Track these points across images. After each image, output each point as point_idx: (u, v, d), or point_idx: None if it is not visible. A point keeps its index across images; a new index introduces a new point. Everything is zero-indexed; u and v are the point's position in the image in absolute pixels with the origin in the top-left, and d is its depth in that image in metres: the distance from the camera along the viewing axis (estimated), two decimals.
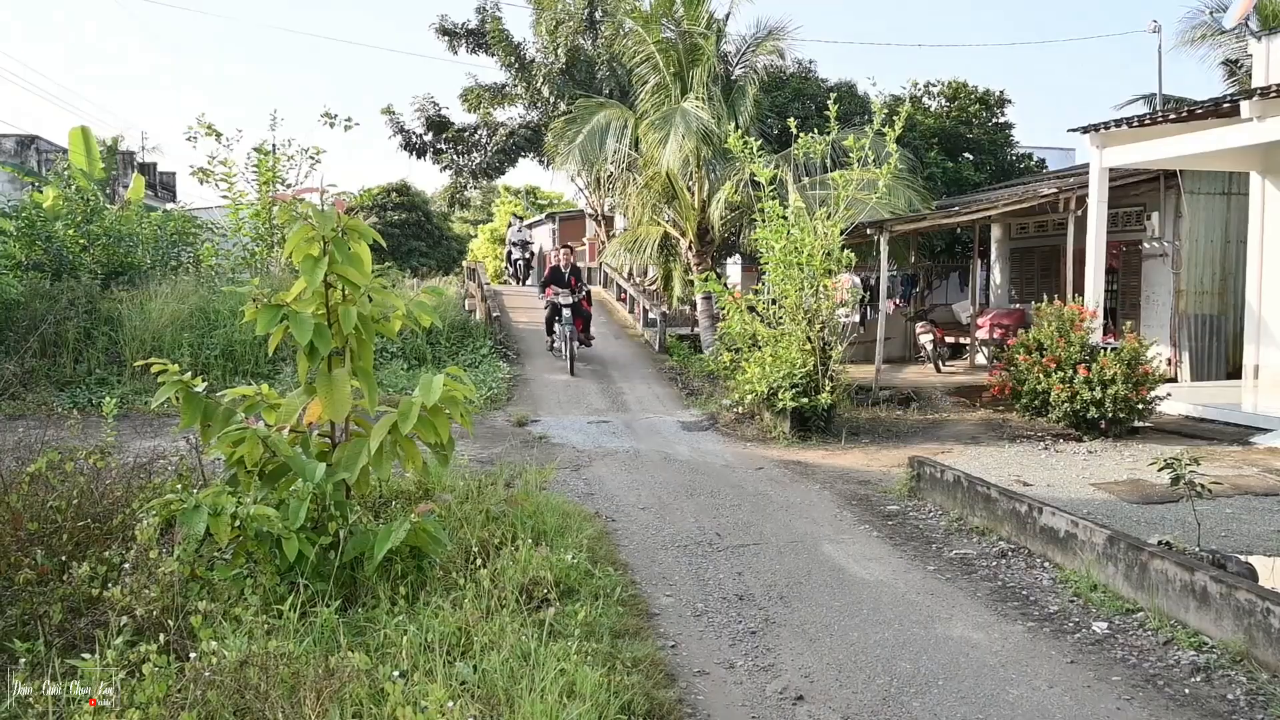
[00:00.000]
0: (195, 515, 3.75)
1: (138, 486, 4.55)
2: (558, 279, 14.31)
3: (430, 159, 22.69)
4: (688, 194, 16.06)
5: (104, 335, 11.68)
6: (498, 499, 5.70)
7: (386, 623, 3.71)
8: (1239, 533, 6.01)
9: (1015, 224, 16.09)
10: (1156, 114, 11.72)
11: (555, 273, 14.53)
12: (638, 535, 6.15)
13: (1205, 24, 19.20)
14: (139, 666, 2.88)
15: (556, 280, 14.30)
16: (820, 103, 18.85)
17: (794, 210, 10.50)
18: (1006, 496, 5.94)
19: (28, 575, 3.47)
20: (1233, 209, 12.56)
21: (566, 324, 13.86)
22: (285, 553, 3.86)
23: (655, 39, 15.70)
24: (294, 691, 2.91)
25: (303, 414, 4.60)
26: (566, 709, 3.08)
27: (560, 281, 14.22)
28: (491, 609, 3.91)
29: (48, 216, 13.35)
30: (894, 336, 15.76)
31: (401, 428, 4.29)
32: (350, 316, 4.34)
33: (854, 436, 9.90)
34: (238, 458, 4.24)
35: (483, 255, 41.17)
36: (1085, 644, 4.28)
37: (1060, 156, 25.07)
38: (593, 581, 4.70)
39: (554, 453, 8.93)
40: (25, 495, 3.91)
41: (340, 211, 4.39)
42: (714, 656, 4.18)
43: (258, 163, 14.74)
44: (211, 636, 3.04)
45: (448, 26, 21.56)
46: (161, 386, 4.25)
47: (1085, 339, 9.83)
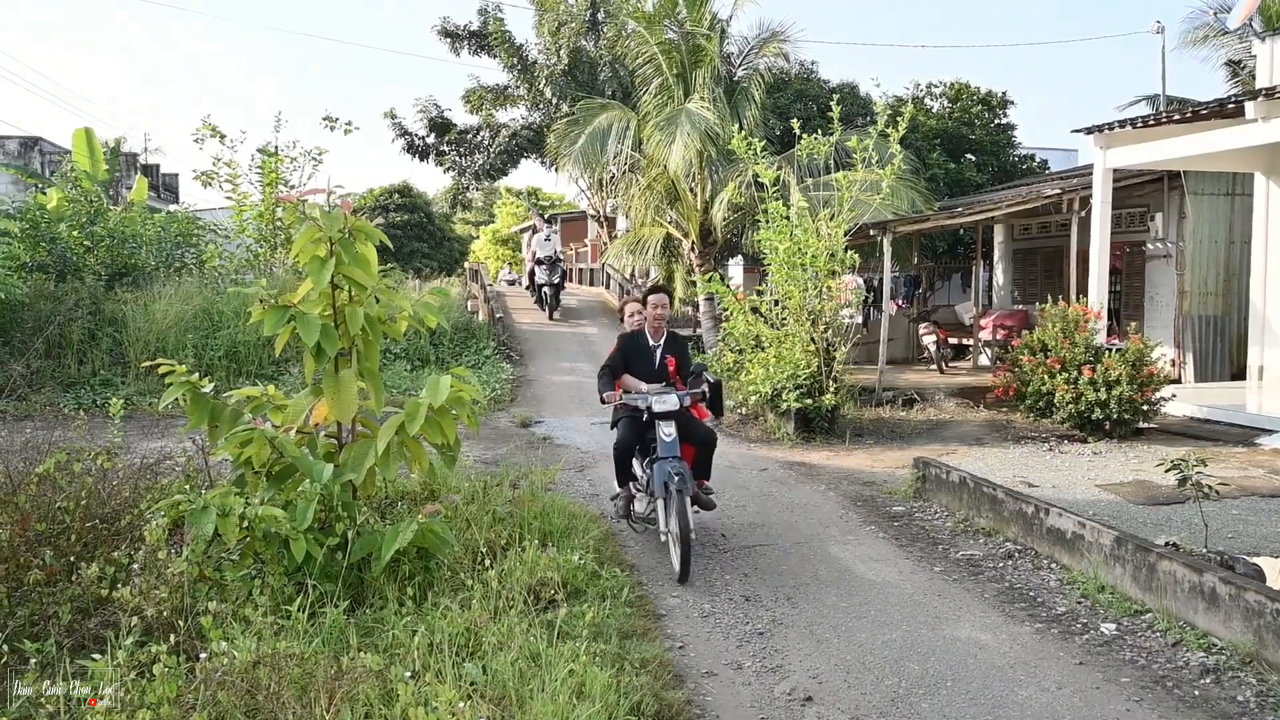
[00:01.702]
0: (204, 516, 3.76)
1: (144, 487, 4.55)
2: (639, 358, 6.06)
3: (433, 161, 22.72)
4: (690, 195, 16.06)
5: (108, 336, 11.69)
6: (503, 500, 5.71)
7: (395, 623, 3.71)
8: (1246, 534, 6.00)
9: (1018, 225, 16.08)
10: (1161, 115, 11.71)
11: (633, 345, 6.11)
12: (643, 536, 6.14)
13: (1208, 25, 19.19)
14: (149, 667, 2.88)
15: (638, 358, 6.06)
16: (822, 104, 18.87)
17: (797, 211, 10.51)
18: (1013, 497, 5.93)
19: (37, 576, 3.46)
20: (1236, 210, 12.55)
21: (674, 482, 5.23)
22: (293, 553, 3.86)
23: (658, 40, 15.71)
24: (305, 692, 2.91)
25: (309, 415, 4.60)
26: (577, 709, 3.08)
27: (644, 365, 6.03)
28: (500, 610, 3.91)
29: (52, 218, 13.37)
30: (897, 338, 15.74)
31: (409, 428, 4.29)
32: (357, 317, 4.34)
33: (858, 438, 9.89)
34: (245, 459, 4.24)
35: (484, 256, 41.19)
36: (1094, 645, 4.28)
37: (1062, 157, 25.08)
38: (600, 582, 4.70)
39: (558, 454, 8.93)
40: (33, 496, 3.91)
41: (347, 213, 4.40)
42: (722, 657, 4.17)
43: (262, 164, 14.74)
44: (221, 637, 3.04)
45: (450, 28, 21.59)
46: (170, 388, 4.25)
47: (1090, 340, 9.82)
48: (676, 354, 6.05)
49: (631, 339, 6.04)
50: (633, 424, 5.71)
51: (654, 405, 5.47)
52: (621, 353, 6.00)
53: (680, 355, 6.06)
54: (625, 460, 5.82)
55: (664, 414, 5.44)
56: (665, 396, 5.52)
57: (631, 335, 6.07)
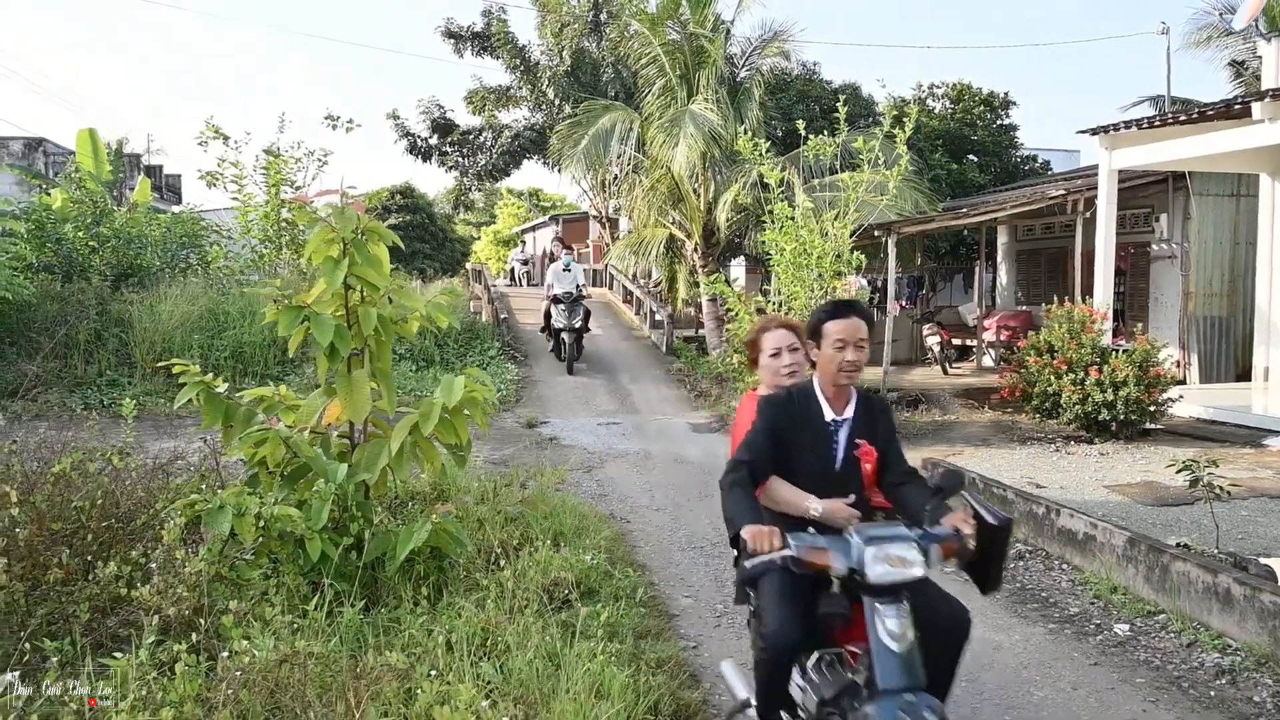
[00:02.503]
0: (220, 515, 3.76)
1: (158, 487, 4.55)
2: (802, 443, 2.90)
3: (435, 161, 22.74)
4: (694, 196, 16.07)
5: (114, 337, 11.70)
6: (513, 500, 5.71)
7: (411, 623, 3.71)
8: (1256, 535, 6.00)
9: (1022, 226, 16.09)
10: (1166, 115, 11.71)
11: (790, 416, 2.92)
12: (653, 536, 6.15)
13: (1212, 25, 19.19)
14: (170, 666, 2.88)
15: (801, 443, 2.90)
16: (825, 105, 18.90)
17: (802, 212, 10.51)
18: (1023, 498, 5.94)
19: (56, 575, 3.47)
20: (1242, 211, 12.55)
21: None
22: (309, 553, 3.86)
23: (661, 41, 15.72)
24: (328, 691, 2.91)
25: (321, 415, 4.60)
26: (596, 709, 3.08)
27: (814, 458, 2.90)
28: (515, 610, 3.91)
29: (57, 218, 13.38)
30: (900, 338, 15.74)
31: (423, 428, 4.29)
32: (370, 318, 4.34)
33: None
34: (259, 459, 4.24)
35: (485, 257, 41.19)
36: (1108, 646, 4.28)
37: (1064, 158, 25.10)
38: (612, 582, 4.70)
39: (565, 454, 8.93)
40: (49, 495, 3.91)
41: (360, 213, 4.41)
42: (736, 657, 4.16)
43: (267, 165, 14.75)
44: (241, 636, 3.04)
45: (453, 29, 21.61)
46: (184, 388, 4.25)
47: (1096, 341, 9.82)
48: (877, 436, 2.93)
49: (786, 406, 2.92)
50: (795, 593, 2.62)
51: (870, 570, 2.37)
52: (769, 432, 2.86)
53: (885, 440, 2.94)
54: (784, 672, 2.68)
55: (886, 587, 2.38)
56: (888, 544, 2.41)
57: (785, 399, 2.94)
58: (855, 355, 2.81)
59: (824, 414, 2.88)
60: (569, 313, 13.96)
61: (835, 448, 2.87)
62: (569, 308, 14.00)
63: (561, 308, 14.04)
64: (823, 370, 2.88)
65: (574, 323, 13.90)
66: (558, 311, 14.08)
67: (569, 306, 14.01)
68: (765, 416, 2.88)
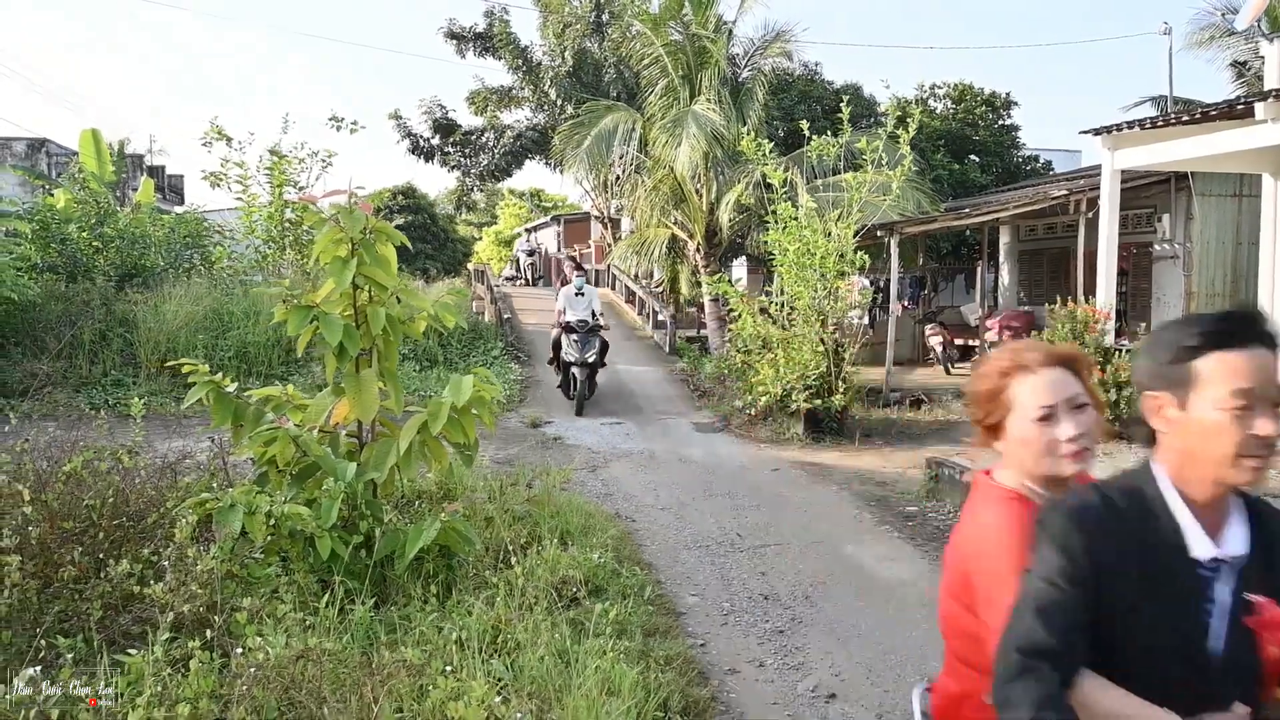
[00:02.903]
0: (232, 514, 3.78)
1: (167, 486, 4.57)
2: (1166, 609, 1.50)
3: (437, 162, 22.77)
4: (696, 196, 16.10)
5: (119, 337, 11.72)
6: (520, 499, 5.73)
7: (421, 620, 3.74)
8: None
9: (1024, 226, 16.10)
10: (1168, 116, 11.72)
11: (1120, 559, 1.49)
12: (659, 535, 6.17)
13: (1214, 25, 19.18)
14: (184, 663, 2.91)
15: (1165, 609, 1.50)
16: (827, 105, 18.92)
17: (806, 212, 10.54)
18: None
19: (69, 573, 3.49)
20: (1244, 211, 12.56)
21: None
22: (319, 551, 3.89)
23: (663, 42, 15.75)
24: (342, 687, 2.93)
25: (330, 414, 4.63)
26: (608, 705, 3.11)
27: (1179, 639, 1.50)
28: (524, 607, 3.94)
29: (61, 219, 13.41)
30: (902, 338, 15.77)
31: (431, 427, 4.31)
32: (379, 317, 4.37)
33: (867, 438, 9.92)
34: (269, 458, 4.27)
35: (487, 258, 41.22)
36: None
37: (1066, 158, 25.09)
38: (620, 581, 4.72)
39: (570, 454, 8.95)
40: (61, 494, 3.93)
41: (368, 214, 4.43)
42: (743, 655, 4.20)
43: (271, 165, 14.78)
44: (255, 633, 3.06)
45: (455, 30, 21.63)
46: (194, 387, 4.28)
47: (1100, 341, 9.83)
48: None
49: (1107, 527, 1.53)
50: None
51: None
52: (1081, 587, 1.47)
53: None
54: None
55: None
56: None
57: (1102, 513, 1.56)
58: (1274, 425, 1.43)
59: (1186, 544, 1.51)
60: (582, 345, 11.57)
61: (1209, 611, 1.50)
62: (582, 339, 11.60)
63: (574, 339, 11.61)
64: (1197, 453, 1.52)
65: (587, 356, 11.56)
66: (569, 342, 11.65)
67: (582, 338, 11.60)
68: (1065, 553, 1.49)
